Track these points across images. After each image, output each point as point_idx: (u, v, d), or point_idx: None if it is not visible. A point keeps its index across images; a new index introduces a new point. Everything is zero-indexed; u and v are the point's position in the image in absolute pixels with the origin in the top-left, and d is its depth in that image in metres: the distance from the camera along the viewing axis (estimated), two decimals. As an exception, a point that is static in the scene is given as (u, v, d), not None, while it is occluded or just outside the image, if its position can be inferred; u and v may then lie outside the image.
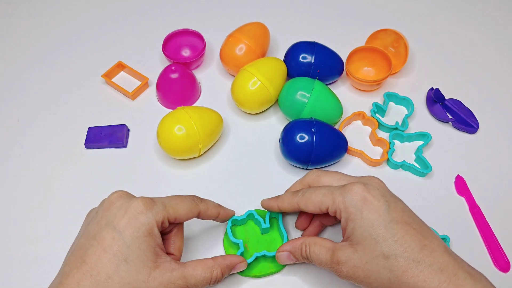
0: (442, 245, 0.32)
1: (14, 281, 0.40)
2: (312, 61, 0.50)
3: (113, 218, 0.32)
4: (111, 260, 0.31)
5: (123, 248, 0.31)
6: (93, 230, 0.33)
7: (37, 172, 0.48)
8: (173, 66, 0.50)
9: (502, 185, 0.46)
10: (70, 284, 0.30)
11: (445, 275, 0.30)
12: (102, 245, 0.31)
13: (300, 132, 0.43)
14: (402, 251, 0.31)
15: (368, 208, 0.32)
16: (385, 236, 0.31)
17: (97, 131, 0.50)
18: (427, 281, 0.30)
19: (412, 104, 0.51)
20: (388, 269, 0.31)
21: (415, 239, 0.31)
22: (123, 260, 0.31)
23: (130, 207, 0.33)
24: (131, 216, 0.32)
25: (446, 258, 0.31)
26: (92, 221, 0.34)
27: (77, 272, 0.30)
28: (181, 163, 0.48)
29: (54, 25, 0.63)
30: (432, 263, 0.30)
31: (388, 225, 0.31)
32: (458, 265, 0.30)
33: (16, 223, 0.44)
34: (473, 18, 0.63)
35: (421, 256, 0.30)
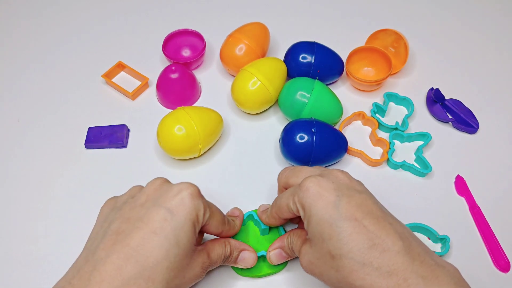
0: (399, 244, 0.28)
1: (14, 281, 0.40)
2: (312, 61, 0.50)
3: (163, 199, 0.30)
4: (162, 243, 0.28)
5: (176, 230, 0.29)
6: (134, 212, 0.30)
7: (37, 172, 0.48)
8: (173, 66, 0.50)
9: (502, 185, 0.46)
10: (109, 271, 0.27)
11: (393, 280, 0.27)
12: (151, 226, 0.29)
13: (300, 132, 0.43)
14: (347, 251, 0.28)
15: (317, 204, 0.30)
16: (330, 235, 0.29)
17: (97, 131, 0.50)
18: (374, 285, 0.27)
19: (412, 104, 0.51)
20: (335, 269, 0.29)
21: (364, 238, 0.28)
22: (175, 244, 0.29)
23: (182, 189, 0.31)
24: (185, 197, 0.30)
25: (399, 259, 0.27)
26: (127, 205, 0.31)
27: (118, 257, 0.28)
28: (181, 163, 0.48)
29: (54, 25, 0.63)
30: (380, 266, 0.27)
31: (335, 222, 0.29)
32: (411, 268, 0.27)
33: (16, 223, 0.44)
34: (473, 18, 0.63)
35: (368, 257, 0.28)
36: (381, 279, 0.27)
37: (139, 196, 0.32)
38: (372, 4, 0.65)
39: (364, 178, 0.46)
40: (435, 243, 0.42)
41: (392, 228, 0.29)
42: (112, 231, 0.30)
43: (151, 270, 0.28)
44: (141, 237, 0.28)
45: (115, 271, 0.27)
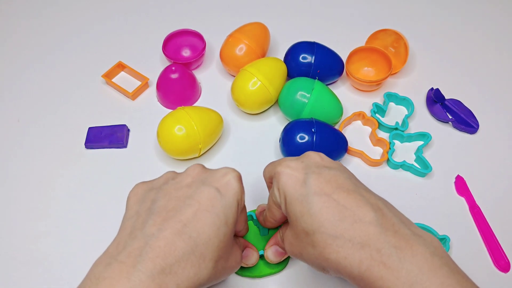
0: (370, 215, 0.28)
1: (14, 281, 0.40)
2: (312, 61, 0.50)
3: (211, 179, 0.31)
4: (214, 221, 0.28)
5: (225, 209, 0.29)
6: (182, 192, 0.30)
7: (37, 172, 0.48)
8: (173, 66, 0.50)
9: (502, 185, 0.46)
10: (162, 246, 0.26)
11: (366, 251, 0.26)
12: (203, 204, 0.29)
13: (300, 132, 0.43)
14: (319, 226, 0.28)
15: (288, 184, 0.30)
16: (302, 212, 0.29)
17: (97, 131, 0.50)
18: (348, 258, 0.27)
19: (412, 104, 0.51)
20: (311, 245, 0.29)
21: (334, 211, 0.28)
22: (224, 223, 0.29)
23: (229, 172, 0.31)
24: (231, 179, 0.31)
25: (371, 230, 0.27)
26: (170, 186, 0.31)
27: (171, 232, 0.27)
28: (181, 163, 0.48)
29: (54, 25, 0.63)
30: (351, 238, 0.27)
31: (304, 199, 0.29)
32: (384, 239, 0.26)
33: (16, 223, 0.44)
34: (473, 18, 0.63)
35: (339, 230, 0.27)
36: (354, 251, 0.27)
37: (183, 178, 0.32)
38: (372, 4, 0.65)
39: (364, 178, 0.47)
40: (435, 243, 0.42)
41: (364, 200, 0.29)
42: (160, 208, 0.29)
43: (203, 246, 0.27)
44: (193, 213, 0.28)
45: (168, 246, 0.26)
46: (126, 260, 0.26)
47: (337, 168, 0.32)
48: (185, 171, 0.33)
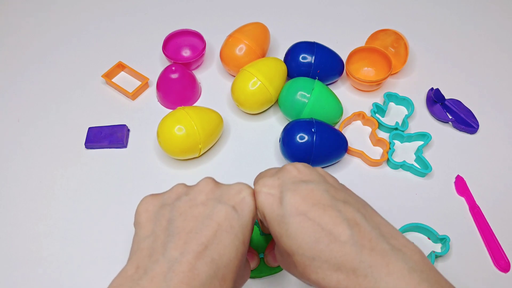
0: (346, 233, 0.27)
1: (14, 281, 0.40)
2: (312, 61, 0.50)
3: (226, 197, 0.30)
4: (234, 242, 0.28)
5: (243, 228, 0.29)
6: (198, 211, 0.29)
7: (37, 172, 0.48)
8: (173, 66, 0.50)
9: (502, 185, 0.46)
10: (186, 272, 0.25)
11: (343, 272, 0.26)
12: (222, 225, 0.28)
13: (300, 132, 0.43)
14: (297, 247, 0.28)
15: (265, 204, 0.30)
16: (280, 233, 0.29)
17: (97, 131, 0.50)
18: (326, 278, 0.26)
19: (412, 104, 0.51)
20: (293, 265, 0.29)
21: (310, 232, 0.27)
22: (242, 242, 0.28)
23: (243, 189, 0.30)
24: (246, 196, 0.30)
25: (347, 250, 0.26)
26: (184, 203, 0.30)
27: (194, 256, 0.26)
28: (181, 163, 0.48)
29: (54, 25, 0.63)
30: (328, 259, 0.26)
31: (282, 220, 0.28)
32: (359, 258, 0.26)
33: (16, 223, 0.44)
34: (473, 18, 0.63)
35: (316, 251, 0.27)
36: (331, 272, 0.26)
37: (196, 195, 0.30)
38: (372, 4, 0.65)
39: (364, 178, 0.47)
40: (435, 243, 0.42)
41: (341, 216, 0.28)
42: (178, 229, 0.28)
43: (224, 269, 0.27)
44: (213, 235, 0.27)
45: (192, 271, 0.25)
46: (148, 285, 0.25)
47: (314, 181, 0.31)
48: (197, 186, 0.31)
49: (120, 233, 0.43)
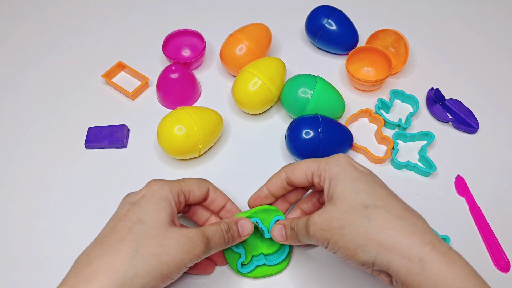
0: (422, 219, 0.31)
1: (14, 281, 0.40)
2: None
3: (130, 198, 0.34)
4: (125, 224, 0.32)
5: (138, 212, 0.32)
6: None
7: (37, 172, 0.48)
8: (173, 66, 0.50)
9: (502, 185, 0.46)
10: (82, 261, 0.31)
11: (430, 236, 0.29)
12: (117, 219, 0.33)
13: (306, 128, 0.44)
14: (384, 204, 0.30)
15: (352, 168, 0.33)
16: (366, 190, 0.31)
17: (97, 131, 0.50)
18: (407, 238, 0.28)
19: (417, 103, 0.51)
20: (367, 218, 0.30)
21: (397, 203, 0.31)
22: (138, 221, 0.32)
23: (147, 185, 0.35)
24: (147, 189, 0.34)
25: (426, 225, 0.30)
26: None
27: (93, 246, 0.32)
28: (181, 163, 0.48)
29: (54, 25, 0.63)
30: (414, 224, 0.29)
31: (371, 184, 0.32)
32: (434, 233, 0.30)
33: (16, 223, 0.44)
34: (473, 18, 0.63)
35: (404, 214, 0.30)
36: (416, 232, 0.29)
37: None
38: (372, 4, 0.65)
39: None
40: (435, 243, 0.42)
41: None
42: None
43: (116, 244, 0.31)
44: (109, 228, 0.33)
45: (89, 258, 0.31)
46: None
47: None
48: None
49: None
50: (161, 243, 0.31)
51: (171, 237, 0.32)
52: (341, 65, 0.56)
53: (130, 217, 0.32)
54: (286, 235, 0.36)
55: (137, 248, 0.30)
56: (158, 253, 0.31)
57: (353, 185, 0.32)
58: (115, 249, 0.31)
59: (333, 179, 0.33)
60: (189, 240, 0.32)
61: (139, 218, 0.32)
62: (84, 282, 0.29)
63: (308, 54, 0.59)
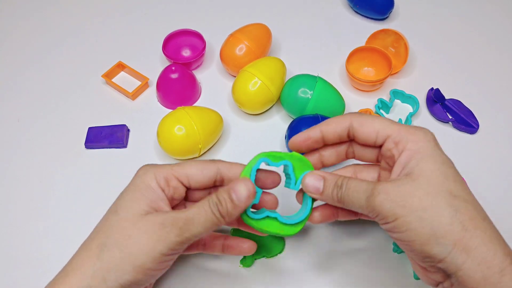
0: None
1: (14, 281, 0.40)
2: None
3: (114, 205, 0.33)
4: (104, 216, 0.32)
5: (117, 202, 0.32)
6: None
7: (37, 172, 0.48)
8: (173, 66, 0.50)
9: (503, 186, 0.46)
10: (77, 255, 0.31)
11: (509, 248, 0.27)
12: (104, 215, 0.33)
13: (306, 128, 0.43)
14: (472, 200, 0.27)
15: (440, 150, 0.29)
16: (455, 178, 0.27)
17: (97, 131, 0.50)
18: (493, 243, 0.26)
19: (417, 103, 0.51)
20: (455, 208, 0.26)
21: (478, 204, 0.28)
22: (114, 212, 0.31)
23: (136, 172, 0.34)
24: (134, 177, 0.33)
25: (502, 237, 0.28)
26: None
27: (81, 248, 0.32)
28: (181, 163, 0.48)
29: (54, 25, 0.63)
30: (496, 230, 0.27)
31: (457, 174, 0.28)
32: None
33: (16, 223, 0.44)
34: (474, 18, 0.63)
35: (487, 218, 0.27)
36: (498, 244, 0.26)
37: None
38: (372, 4, 0.65)
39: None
40: (435, 243, 0.42)
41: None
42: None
43: (93, 236, 0.32)
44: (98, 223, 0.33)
45: (78, 250, 0.32)
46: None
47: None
48: None
49: (120, 233, 0.43)
50: (130, 234, 0.29)
51: (142, 226, 0.29)
52: (341, 65, 0.56)
53: (110, 208, 0.32)
54: (324, 189, 0.31)
55: (106, 241, 0.30)
56: (125, 244, 0.29)
57: (443, 168, 0.28)
58: (89, 244, 0.31)
59: (418, 153, 0.28)
60: (160, 226, 0.29)
61: (116, 208, 0.31)
62: (61, 278, 0.29)
63: (308, 54, 0.59)
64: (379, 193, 0.27)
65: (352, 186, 0.29)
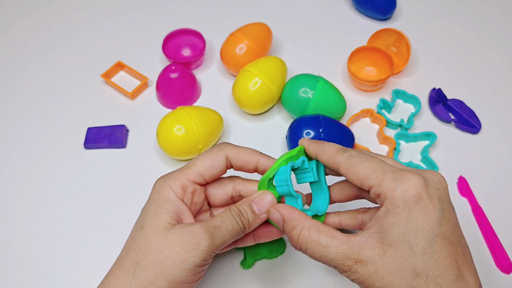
0: (477, 283, 0.26)
1: (14, 281, 0.40)
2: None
3: (140, 220, 0.33)
4: (131, 234, 0.32)
5: (141, 219, 0.32)
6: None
7: (37, 173, 0.47)
8: (173, 66, 0.50)
9: (505, 186, 0.46)
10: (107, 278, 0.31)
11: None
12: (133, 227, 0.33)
13: (307, 128, 0.43)
14: (437, 275, 0.25)
15: (419, 209, 0.26)
16: (425, 250, 0.25)
17: (96, 132, 0.49)
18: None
19: (419, 103, 0.51)
20: (416, 276, 0.25)
21: (454, 266, 0.26)
22: (140, 229, 0.31)
23: (153, 185, 0.33)
24: (152, 191, 0.33)
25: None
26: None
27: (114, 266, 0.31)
28: (181, 163, 0.48)
29: (53, 25, 0.63)
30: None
31: (434, 238, 0.26)
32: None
33: (15, 223, 0.44)
34: (476, 18, 0.63)
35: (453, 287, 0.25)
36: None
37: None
38: (374, 3, 0.65)
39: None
40: (437, 244, 0.42)
41: (472, 262, 0.27)
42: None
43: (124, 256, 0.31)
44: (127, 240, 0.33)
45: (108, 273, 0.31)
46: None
47: (455, 211, 0.29)
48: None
49: (119, 234, 0.42)
50: (161, 250, 0.29)
51: (171, 239, 0.30)
52: (343, 65, 0.56)
53: (136, 225, 0.32)
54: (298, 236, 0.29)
55: (138, 259, 0.30)
56: (158, 260, 0.29)
57: (412, 239, 0.26)
58: (121, 262, 0.30)
59: (391, 214, 0.27)
60: (191, 236, 0.29)
61: (141, 225, 0.31)
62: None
63: (309, 53, 0.58)
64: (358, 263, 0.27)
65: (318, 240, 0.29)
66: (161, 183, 0.33)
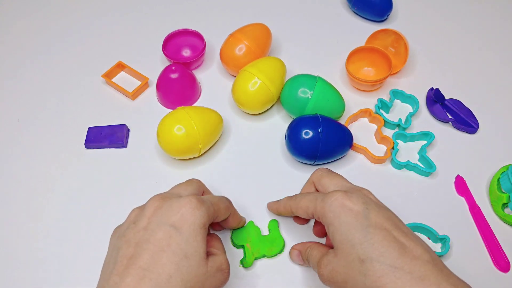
0: (427, 255, 0.30)
1: (14, 281, 0.40)
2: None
3: (166, 218, 0.31)
4: (171, 258, 0.30)
5: (182, 243, 0.30)
6: (139, 236, 0.31)
7: (37, 172, 0.48)
8: (173, 66, 0.50)
9: (502, 185, 0.46)
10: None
11: (426, 284, 0.28)
12: (159, 245, 0.30)
13: (306, 128, 0.44)
14: (378, 255, 0.30)
15: (345, 213, 0.32)
16: (360, 240, 0.31)
17: (97, 131, 0.50)
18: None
19: (417, 103, 0.51)
20: (363, 274, 0.30)
21: (394, 245, 0.30)
22: (184, 257, 0.30)
23: (183, 204, 0.32)
24: (186, 212, 0.31)
25: (429, 267, 0.29)
26: (130, 231, 0.32)
27: (132, 279, 0.28)
28: (181, 163, 0.48)
29: (53, 25, 0.63)
30: (411, 271, 0.29)
31: (365, 229, 0.31)
32: (442, 277, 0.29)
33: (16, 223, 0.44)
34: (474, 18, 0.63)
35: (399, 262, 0.29)
36: (413, 283, 0.28)
37: (140, 221, 0.33)
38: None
39: (367, 175, 0.47)
40: (435, 243, 0.42)
41: (419, 242, 0.31)
42: (121, 257, 0.30)
43: (165, 285, 0.29)
44: (150, 257, 0.29)
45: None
46: None
47: (390, 210, 0.35)
48: (144, 208, 0.33)
49: (120, 233, 0.43)
50: (204, 283, 0.31)
51: (211, 274, 0.32)
52: (341, 65, 0.56)
53: (175, 249, 0.30)
54: (303, 261, 0.39)
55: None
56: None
57: (349, 236, 0.31)
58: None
59: (330, 226, 0.33)
60: (222, 272, 0.33)
61: (184, 252, 0.30)
62: None
63: (308, 53, 0.59)
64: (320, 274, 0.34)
65: (311, 260, 0.36)
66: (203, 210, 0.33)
